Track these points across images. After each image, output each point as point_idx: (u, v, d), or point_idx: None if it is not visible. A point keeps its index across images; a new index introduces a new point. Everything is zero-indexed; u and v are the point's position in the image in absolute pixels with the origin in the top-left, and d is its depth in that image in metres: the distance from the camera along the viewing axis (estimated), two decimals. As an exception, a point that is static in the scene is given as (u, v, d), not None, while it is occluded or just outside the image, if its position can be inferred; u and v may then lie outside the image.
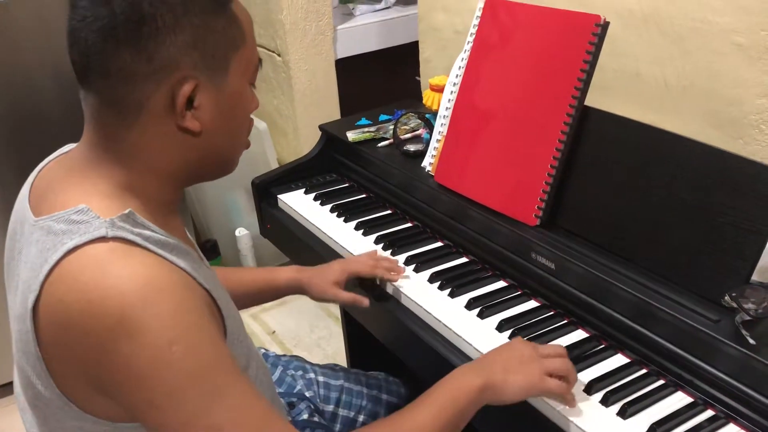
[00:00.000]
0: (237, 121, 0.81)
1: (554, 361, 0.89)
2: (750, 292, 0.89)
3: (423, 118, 1.46)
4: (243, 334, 0.87)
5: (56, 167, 0.82)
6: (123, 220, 0.71)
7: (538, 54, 1.15)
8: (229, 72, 0.76)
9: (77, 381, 0.70)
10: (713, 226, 0.95)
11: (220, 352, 0.71)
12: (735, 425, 0.86)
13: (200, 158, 0.79)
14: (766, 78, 1.14)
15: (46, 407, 0.74)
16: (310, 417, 1.12)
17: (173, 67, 0.72)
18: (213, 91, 0.75)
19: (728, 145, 1.20)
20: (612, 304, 1.00)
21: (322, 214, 1.43)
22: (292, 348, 2.32)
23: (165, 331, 0.66)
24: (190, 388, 0.67)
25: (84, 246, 0.68)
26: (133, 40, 0.70)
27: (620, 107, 1.13)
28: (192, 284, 0.72)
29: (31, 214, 0.75)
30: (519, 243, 1.13)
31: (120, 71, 0.71)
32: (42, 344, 0.70)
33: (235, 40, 0.76)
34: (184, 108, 0.74)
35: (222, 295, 0.80)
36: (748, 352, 0.85)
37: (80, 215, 0.71)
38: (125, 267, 0.68)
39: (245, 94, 0.80)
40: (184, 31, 0.71)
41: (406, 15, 2.52)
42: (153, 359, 0.66)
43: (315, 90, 2.45)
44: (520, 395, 0.88)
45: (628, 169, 1.05)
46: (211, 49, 0.74)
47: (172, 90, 0.73)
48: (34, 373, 0.72)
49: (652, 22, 1.29)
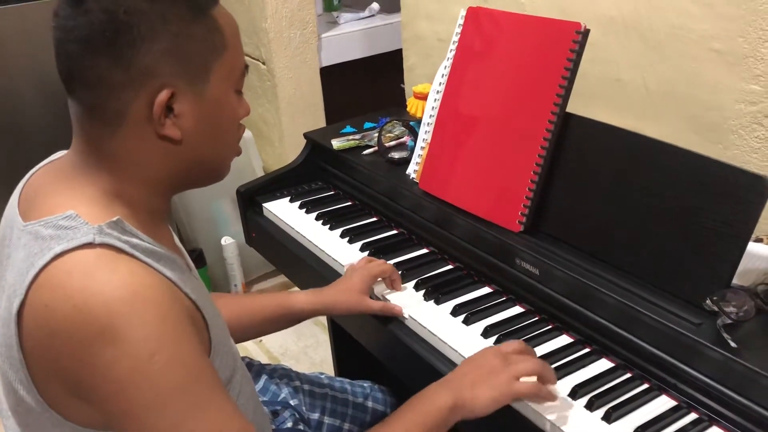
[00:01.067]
0: (222, 128, 0.80)
1: (523, 365, 0.90)
2: (731, 296, 0.90)
3: (407, 126, 1.46)
4: (229, 344, 0.86)
5: (45, 173, 0.81)
6: (111, 227, 0.71)
7: (519, 61, 1.16)
8: (210, 79, 0.76)
9: (59, 387, 0.70)
10: (694, 231, 0.96)
11: (201, 366, 0.70)
12: (718, 428, 0.87)
13: (186, 166, 0.78)
14: (744, 84, 1.16)
15: (28, 414, 0.74)
16: (294, 425, 1.11)
17: (151, 76, 0.72)
18: (193, 99, 0.75)
19: (708, 149, 1.21)
20: (595, 308, 1.01)
21: (307, 222, 1.43)
22: (280, 356, 2.31)
23: (148, 342, 0.66)
24: (168, 400, 0.67)
25: (71, 252, 0.68)
26: (110, 49, 0.70)
27: (602, 113, 1.14)
28: (178, 295, 0.72)
29: (20, 219, 0.75)
30: (503, 249, 1.14)
31: (99, 80, 0.71)
32: (25, 349, 0.70)
33: (216, 47, 0.76)
34: (161, 115, 0.73)
35: (208, 306, 0.79)
36: (730, 355, 0.85)
37: (68, 221, 0.70)
38: (112, 274, 0.67)
39: (229, 100, 0.80)
40: (161, 40, 0.71)
41: (390, 23, 2.54)
42: (133, 369, 0.65)
43: (300, 98, 2.46)
44: (491, 407, 0.88)
45: (610, 174, 1.06)
46: (190, 57, 0.73)
47: (151, 98, 0.72)
48: (16, 379, 0.72)
49: (632, 28, 1.30)
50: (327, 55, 2.47)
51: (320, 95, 2.50)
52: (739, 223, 0.91)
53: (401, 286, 1.18)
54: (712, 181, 0.95)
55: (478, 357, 0.93)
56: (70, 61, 0.72)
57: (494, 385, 0.88)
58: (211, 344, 0.78)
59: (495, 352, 0.92)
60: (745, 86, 1.16)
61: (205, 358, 0.73)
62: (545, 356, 1.00)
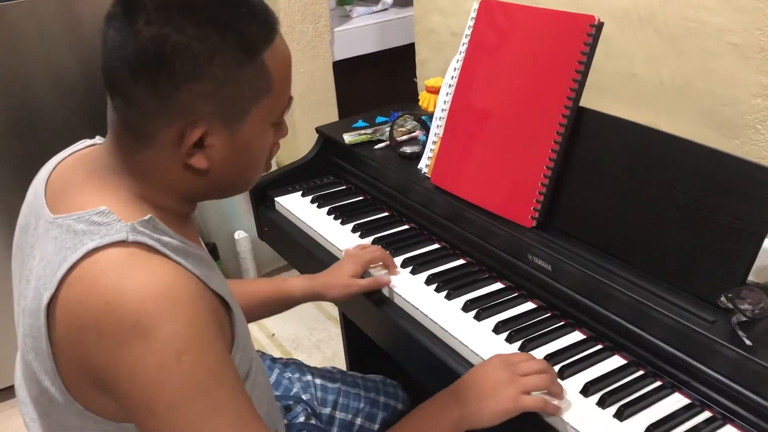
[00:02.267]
0: (251, 159, 0.79)
1: (532, 379, 0.89)
2: (746, 293, 0.89)
3: (419, 120, 1.46)
4: (247, 336, 0.87)
5: (74, 166, 0.81)
6: (143, 225, 0.71)
7: (532, 55, 1.15)
8: (247, 119, 0.74)
9: (84, 380, 0.71)
10: (709, 227, 0.94)
11: (225, 368, 0.71)
12: (732, 426, 0.86)
13: (211, 187, 0.79)
14: (761, 77, 1.14)
15: (50, 403, 0.74)
16: (306, 420, 1.12)
17: (187, 112, 0.71)
18: (226, 136, 0.74)
19: (724, 145, 1.20)
20: (608, 305, 1.00)
21: (319, 217, 1.43)
22: (292, 351, 2.32)
23: (177, 341, 0.67)
24: (191, 400, 0.68)
25: (104, 248, 0.69)
26: (151, 79, 0.69)
27: (615, 108, 1.13)
28: (206, 293, 0.73)
29: (48, 210, 0.76)
30: (515, 245, 1.13)
31: (135, 102, 0.71)
32: (54, 342, 0.71)
33: (260, 91, 0.74)
34: (190, 148, 0.73)
35: (234, 302, 0.80)
36: (745, 353, 0.84)
37: (101, 217, 0.71)
38: (145, 273, 0.68)
39: (264, 136, 0.78)
40: (203, 80, 0.70)
41: (402, 17, 2.53)
42: (160, 367, 0.66)
43: (313, 92, 2.45)
44: (498, 421, 0.88)
45: (623, 170, 1.05)
46: (231, 100, 0.72)
47: (183, 131, 0.72)
48: (42, 370, 0.73)
49: (646, 22, 1.29)
50: (340, 49, 2.47)
51: (333, 89, 2.50)
52: (754, 220, 0.90)
53: (396, 270, 1.21)
54: (727, 177, 0.93)
55: (485, 368, 0.92)
56: (113, 73, 0.71)
57: (502, 399, 0.87)
58: (234, 338, 0.79)
59: (503, 363, 0.91)
60: (763, 80, 1.14)
61: (228, 358, 0.73)
62: (557, 353, 0.99)
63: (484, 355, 1.00)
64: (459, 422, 0.87)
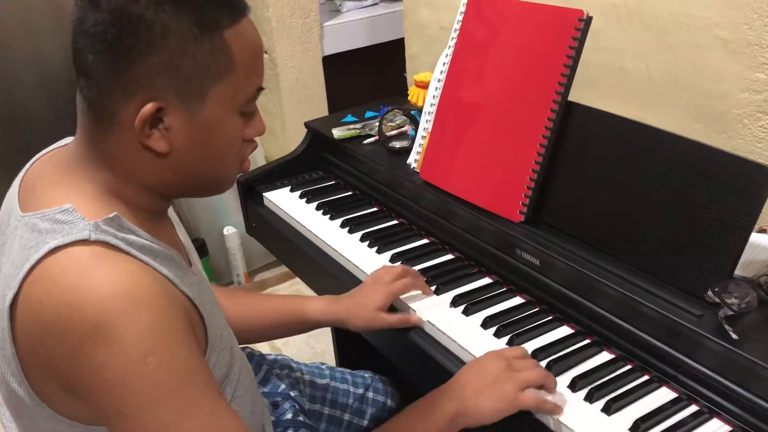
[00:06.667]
0: (218, 148, 0.77)
1: (528, 374, 0.89)
2: (733, 287, 0.89)
3: (408, 115, 1.45)
4: (227, 338, 0.86)
5: (47, 162, 0.81)
6: (108, 224, 0.70)
7: (521, 49, 1.15)
8: (206, 100, 0.73)
9: (51, 383, 0.70)
10: (696, 221, 0.95)
11: (195, 367, 0.70)
12: (719, 420, 0.86)
13: (179, 178, 0.77)
14: (749, 72, 1.15)
15: (20, 405, 0.73)
16: (294, 416, 1.11)
17: (143, 87, 0.70)
18: (186, 116, 0.73)
19: (712, 139, 1.20)
20: (596, 299, 1.00)
21: (307, 212, 1.43)
22: (281, 346, 2.31)
23: (141, 342, 0.65)
24: (161, 401, 0.66)
25: (66, 247, 0.68)
26: (109, 52, 0.69)
27: (604, 102, 1.13)
28: (174, 294, 0.72)
29: (18, 209, 0.75)
30: (504, 239, 1.13)
31: (95, 78, 0.71)
32: (18, 344, 0.69)
33: (217, 69, 0.72)
34: (145, 126, 0.72)
35: (206, 303, 0.79)
36: (731, 347, 0.85)
37: (65, 215, 0.70)
38: (107, 272, 0.67)
39: (229, 123, 0.76)
40: (159, 53, 0.69)
41: (392, 11, 2.52)
42: (126, 368, 0.65)
43: (302, 87, 2.45)
44: (495, 417, 0.87)
45: (612, 164, 1.05)
46: (186, 75, 0.71)
47: (139, 108, 0.71)
48: (8, 371, 0.72)
49: (635, 16, 1.29)
50: (329, 44, 2.46)
51: (323, 84, 2.49)
52: (742, 214, 0.90)
53: (430, 292, 1.13)
54: (715, 171, 0.93)
55: (480, 363, 0.91)
56: (77, 51, 0.72)
57: (499, 395, 0.87)
58: (208, 342, 0.78)
59: (498, 358, 0.91)
60: (750, 74, 1.14)
61: (200, 358, 0.72)
62: (545, 347, 0.99)
63: (472, 350, 0.99)
64: (454, 419, 0.87)
